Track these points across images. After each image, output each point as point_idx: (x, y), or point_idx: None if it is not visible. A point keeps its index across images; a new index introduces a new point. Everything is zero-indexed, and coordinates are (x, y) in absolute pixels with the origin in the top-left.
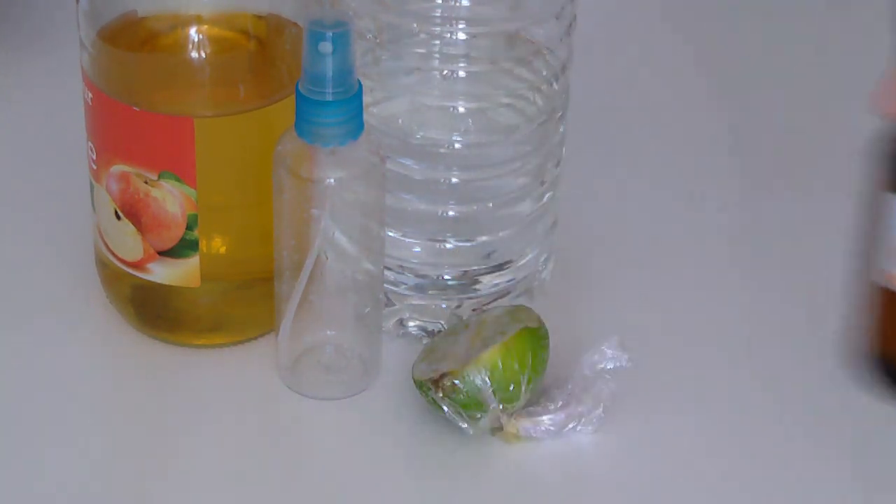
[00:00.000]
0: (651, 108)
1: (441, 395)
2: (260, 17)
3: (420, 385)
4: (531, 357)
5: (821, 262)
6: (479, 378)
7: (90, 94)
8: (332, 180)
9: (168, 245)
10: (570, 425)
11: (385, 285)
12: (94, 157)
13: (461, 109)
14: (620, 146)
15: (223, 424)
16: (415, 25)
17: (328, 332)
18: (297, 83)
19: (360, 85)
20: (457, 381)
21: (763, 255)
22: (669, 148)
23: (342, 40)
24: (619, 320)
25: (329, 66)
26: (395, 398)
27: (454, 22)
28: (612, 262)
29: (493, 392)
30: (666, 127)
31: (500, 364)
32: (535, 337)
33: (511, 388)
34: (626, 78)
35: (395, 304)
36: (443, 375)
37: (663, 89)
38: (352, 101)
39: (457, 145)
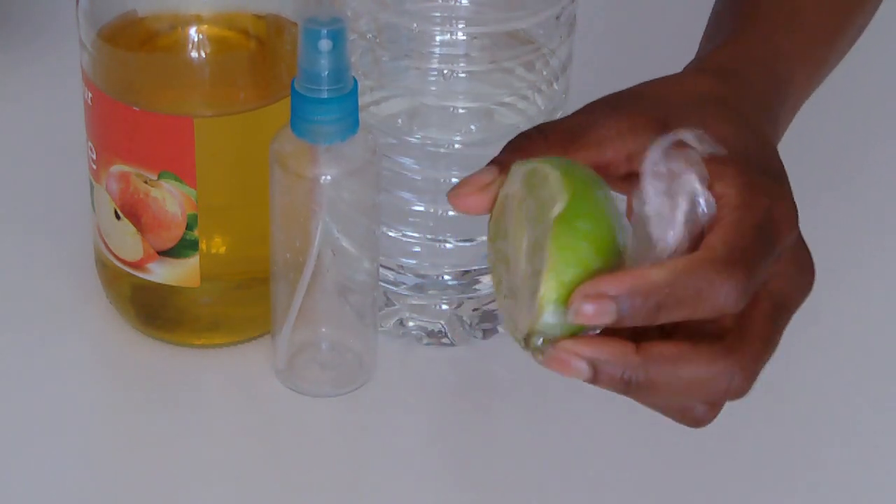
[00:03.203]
0: None
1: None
2: (260, 17)
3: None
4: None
5: (826, 258)
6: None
7: (90, 94)
8: (328, 177)
9: (168, 245)
10: None
11: (385, 285)
12: (94, 157)
13: (461, 109)
14: None
15: (222, 424)
16: (414, 25)
17: (323, 330)
18: (293, 81)
19: (356, 82)
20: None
21: None
22: None
23: (338, 37)
24: None
25: (325, 64)
26: (393, 393)
27: (454, 22)
28: None
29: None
30: None
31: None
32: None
33: None
34: (626, 78)
35: (394, 304)
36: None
37: None
38: (347, 98)
39: (457, 145)
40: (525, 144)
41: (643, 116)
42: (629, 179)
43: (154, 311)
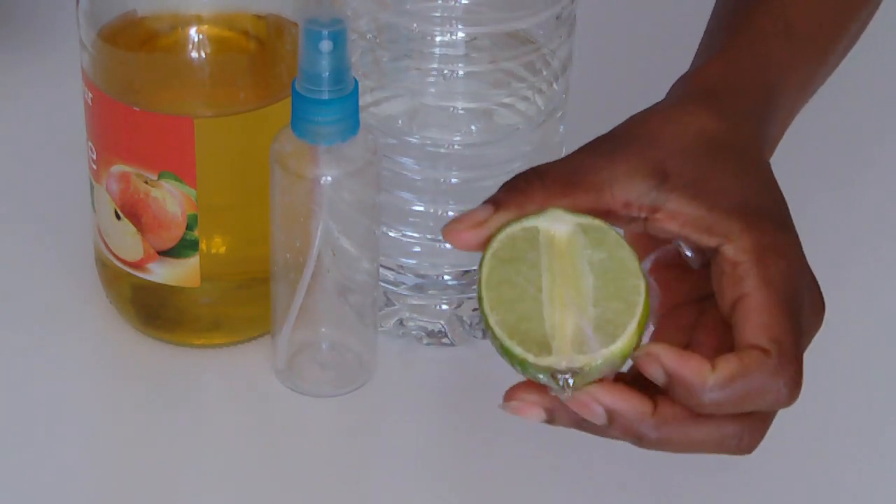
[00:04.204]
0: None
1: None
2: (260, 17)
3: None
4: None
5: (825, 260)
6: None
7: (90, 94)
8: (328, 178)
9: (168, 245)
10: None
11: (385, 285)
12: (94, 157)
13: (461, 110)
14: None
15: (222, 424)
16: (414, 25)
17: (323, 330)
18: (294, 81)
19: (357, 83)
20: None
21: None
22: None
23: (338, 38)
24: None
25: (326, 65)
26: (393, 393)
27: (453, 22)
28: None
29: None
30: None
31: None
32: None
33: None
34: (627, 78)
35: (394, 304)
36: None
37: (664, 89)
38: (348, 99)
39: (457, 145)
40: (522, 186)
41: (641, 162)
42: (627, 222)
43: (154, 311)
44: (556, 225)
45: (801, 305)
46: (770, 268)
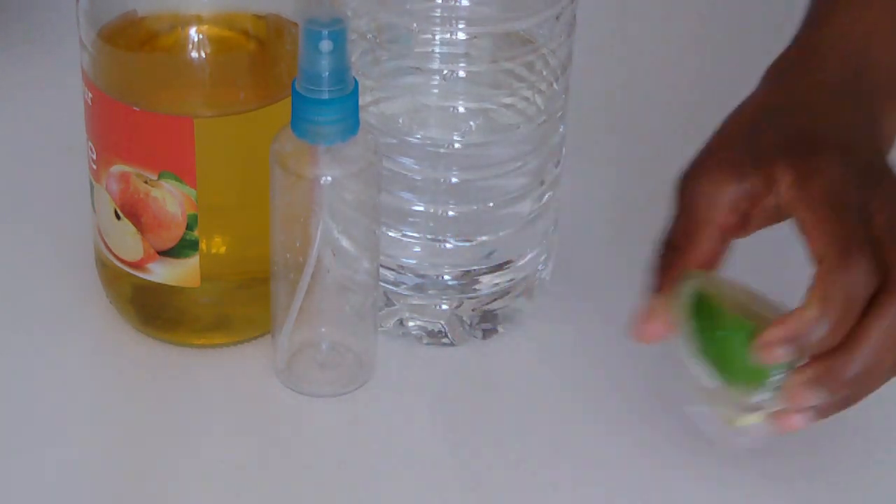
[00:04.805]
0: (651, 108)
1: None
2: (260, 17)
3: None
4: None
5: None
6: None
7: (90, 94)
8: (328, 178)
9: (168, 245)
10: None
11: (385, 285)
12: (94, 157)
13: (461, 109)
14: (621, 146)
15: (223, 424)
16: (414, 25)
17: (323, 330)
18: (294, 81)
19: (357, 83)
20: None
21: (761, 254)
22: (669, 148)
23: (338, 38)
24: (618, 320)
25: (326, 65)
26: (393, 394)
27: (454, 22)
28: (612, 262)
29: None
30: (666, 127)
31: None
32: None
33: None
34: (626, 78)
35: (394, 304)
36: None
37: (664, 89)
38: (348, 99)
39: (457, 145)
40: (673, 261)
41: (721, 173)
42: (742, 220)
43: (154, 311)
44: (698, 282)
45: (850, 209)
46: (811, 190)
